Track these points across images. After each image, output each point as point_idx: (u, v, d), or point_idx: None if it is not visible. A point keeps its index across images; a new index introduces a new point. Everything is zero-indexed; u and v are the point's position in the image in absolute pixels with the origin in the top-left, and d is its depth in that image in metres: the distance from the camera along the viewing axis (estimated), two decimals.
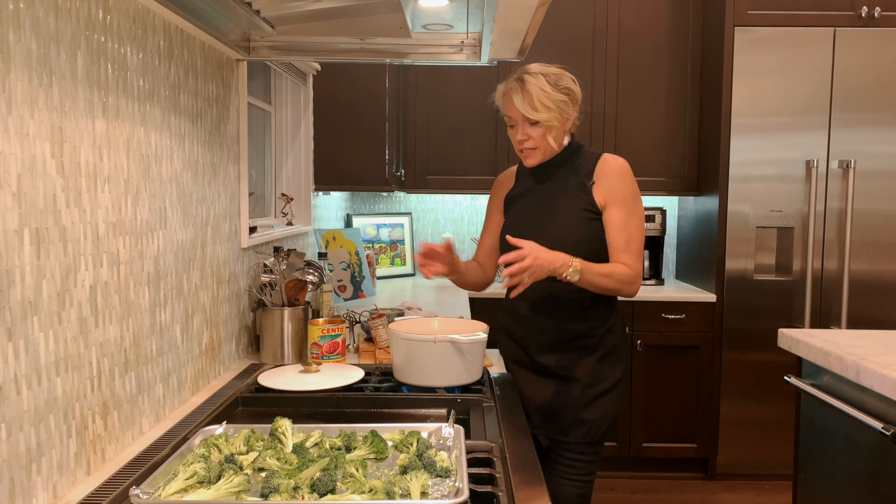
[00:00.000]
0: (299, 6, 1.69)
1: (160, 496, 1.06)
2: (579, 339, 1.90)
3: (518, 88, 1.87)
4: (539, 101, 1.85)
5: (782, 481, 3.36)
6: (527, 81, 1.86)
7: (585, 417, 1.89)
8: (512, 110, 1.91)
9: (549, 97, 1.86)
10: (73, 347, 1.21)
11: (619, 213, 1.87)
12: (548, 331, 1.91)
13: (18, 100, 1.05)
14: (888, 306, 3.36)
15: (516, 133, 1.93)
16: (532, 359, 1.94)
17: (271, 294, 2.09)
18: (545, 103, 1.86)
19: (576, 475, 1.92)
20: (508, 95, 1.91)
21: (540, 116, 1.86)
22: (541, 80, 1.86)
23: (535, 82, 1.85)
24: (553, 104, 1.86)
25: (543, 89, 1.85)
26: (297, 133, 3.05)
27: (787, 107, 3.34)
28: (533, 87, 1.85)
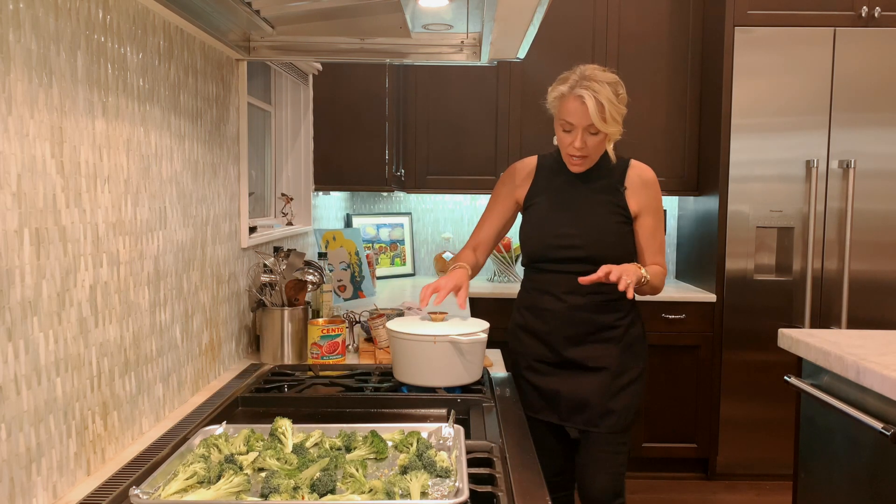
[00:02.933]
0: (299, 6, 1.69)
1: (160, 496, 1.06)
2: (605, 330, 1.94)
3: (591, 97, 1.83)
4: (610, 115, 1.84)
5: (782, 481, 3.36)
6: (598, 91, 1.83)
7: (614, 407, 1.94)
8: (575, 117, 1.86)
9: (617, 110, 1.85)
10: (73, 347, 1.21)
11: (651, 221, 1.99)
12: (574, 324, 1.94)
13: (18, 100, 1.05)
14: (888, 306, 3.35)
15: (573, 139, 1.89)
16: (557, 353, 1.96)
17: (271, 294, 2.09)
18: (614, 116, 1.85)
19: (608, 466, 1.96)
20: (576, 101, 1.85)
21: (609, 129, 1.85)
22: (608, 91, 1.84)
23: (605, 93, 1.83)
24: (619, 117, 1.87)
25: (612, 101, 1.84)
26: (297, 133, 3.05)
27: (787, 107, 3.34)
28: (604, 99, 1.82)
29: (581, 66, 1.93)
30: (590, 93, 1.83)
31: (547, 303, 1.97)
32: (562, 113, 1.90)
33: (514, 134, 3.75)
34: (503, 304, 3.51)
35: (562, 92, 1.89)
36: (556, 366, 1.97)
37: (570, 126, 1.88)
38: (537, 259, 2.00)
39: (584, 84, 1.85)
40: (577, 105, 1.85)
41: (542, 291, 1.98)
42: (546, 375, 1.98)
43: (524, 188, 2.07)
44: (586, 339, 1.94)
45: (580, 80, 1.86)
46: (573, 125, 1.87)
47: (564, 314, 1.94)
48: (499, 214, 2.11)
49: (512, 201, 2.09)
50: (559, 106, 1.91)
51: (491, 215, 2.12)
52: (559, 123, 1.92)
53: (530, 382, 2.01)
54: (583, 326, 1.94)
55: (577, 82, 1.86)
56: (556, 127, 1.94)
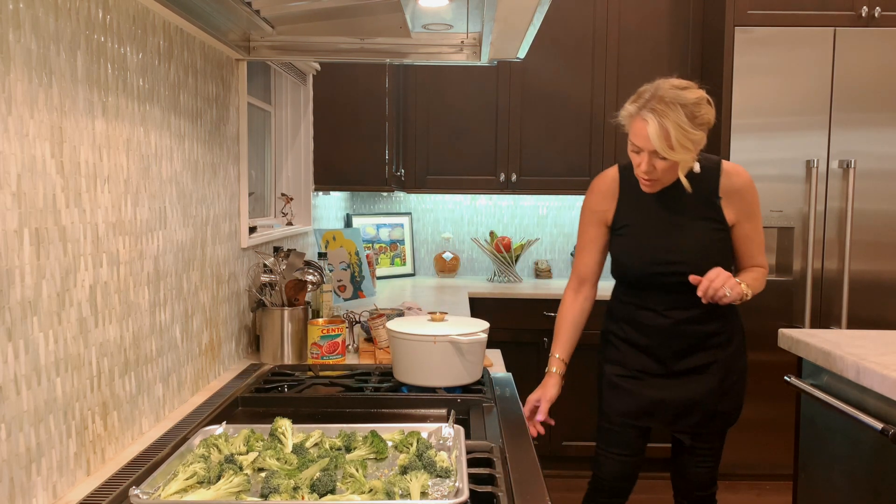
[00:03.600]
0: (299, 6, 1.69)
1: (160, 496, 1.06)
2: (711, 337, 1.92)
3: (654, 122, 1.71)
4: (677, 141, 1.71)
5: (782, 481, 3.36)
6: (665, 115, 1.70)
7: (723, 408, 1.97)
8: (641, 140, 1.77)
9: (688, 136, 1.71)
10: (73, 347, 1.21)
11: (749, 225, 1.92)
12: (679, 337, 1.92)
13: (18, 100, 1.05)
14: (888, 306, 3.35)
15: (640, 162, 1.80)
16: (665, 365, 1.95)
17: (271, 294, 2.09)
18: (683, 144, 1.71)
19: (711, 461, 2.02)
20: (641, 123, 1.75)
21: (676, 157, 1.73)
22: (680, 115, 1.70)
23: (675, 118, 1.70)
24: (691, 144, 1.72)
25: (683, 127, 1.70)
26: (297, 133, 3.05)
27: (787, 107, 3.34)
28: (671, 125, 1.70)
29: (662, 80, 1.79)
30: (654, 116, 1.71)
31: (648, 318, 1.94)
32: (630, 132, 1.81)
33: (514, 134, 3.75)
34: (503, 304, 3.51)
35: (630, 112, 1.80)
36: (662, 376, 1.96)
37: (637, 148, 1.79)
38: (635, 281, 1.96)
39: (651, 105, 1.73)
40: (642, 127, 1.75)
41: (641, 307, 1.95)
42: (651, 385, 1.97)
43: (611, 210, 1.98)
44: (693, 349, 1.93)
45: (650, 99, 1.74)
46: (639, 148, 1.79)
47: (668, 329, 1.92)
48: (593, 241, 2.02)
49: (602, 226, 2.01)
50: (628, 125, 1.82)
51: (587, 245, 2.03)
52: (629, 142, 1.83)
53: (631, 392, 1.99)
54: (689, 339, 1.92)
55: (646, 102, 1.75)
56: (628, 144, 1.85)
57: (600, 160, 3.73)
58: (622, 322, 2.01)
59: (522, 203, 4.13)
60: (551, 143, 3.75)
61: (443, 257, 4.08)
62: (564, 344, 2.03)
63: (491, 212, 4.15)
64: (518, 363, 3.37)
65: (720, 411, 1.97)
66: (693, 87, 1.77)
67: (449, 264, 4.08)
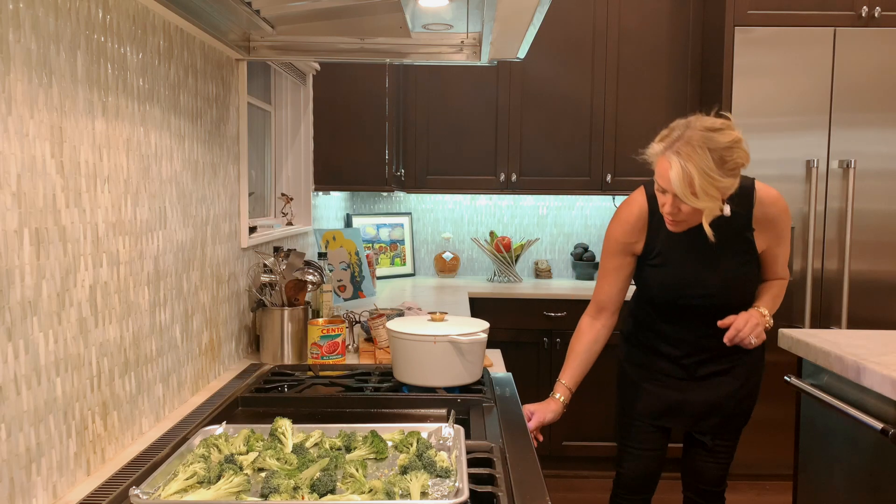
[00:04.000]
0: (299, 6, 1.69)
1: (160, 496, 1.06)
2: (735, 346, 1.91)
3: (678, 165, 1.61)
4: (701, 189, 1.60)
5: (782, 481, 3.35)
6: (690, 160, 1.59)
7: (743, 408, 1.99)
8: (665, 181, 1.67)
9: (714, 183, 1.60)
10: (73, 347, 1.21)
11: (781, 248, 1.90)
12: (706, 350, 1.94)
13: (18, 100, 1.05)
14: (888, 306, 3.35)
15: (665, 202, 1.72)
16: (690, 372, 1.97)
17: (271, 294, 2.09)
18: (708, 191, 1.61)
19: (725, 458, 2.05)
20: (665, 164, 1.66)
21: (699, 205, 1.63)
22: (707, 160, 1.59)
23: (701, 163, 1.59)
24: (717, 192, 1.62)
25: (709, 173, 1.59)
26: (296, 133, 3.05)
27: (788, 107, 3.34)
28: (696, 170, 1.59)
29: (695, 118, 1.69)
30: (679, 159, 1.61)
31: (675, 332, 1.95)
32: (655, 170, 1.73)
33: (514, 134, 3.75)
34: (503, 304, 3.51)
35: (656, 150, 1.70)
36: (689, 380, 1.98)
37: (662, 189, 1.72)
38: (661, 307, 1.95)
39: (677, 147, 1.63)
40: (666, 168, 1.65)
41: (665, 321, 1.96)
42: (673, 387, 1.99)
43: (640, 242, 1.92)
44: (719, 357, 1.95)
45: (677, 140, 1.64)
46: (664, 189, 1.71)
47: (696, 342, 1.94)
48: (617, 270, 1.96)
49: (628, 256, 1.95)
50: (654, 163, 1.74)
51: (609, 273, 1.96)
52: (655, 181, 1.75)
53: (654, 392, 2.01)
54: (715, 350, 1.93)
55: (672, 143, 1.65)
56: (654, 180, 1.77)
57: (600, 160, 3.73)
58: (646, 329, 2.02)
59: (522, 203, 4.13)
60: (551, 143, 3.75)
61: (443, 257, 4.08)
62: (573, 371, 1.98)
63: (491, 212, 4.15)
64: (518, 363, 3.38)
65: (739, 412, 2.00)
66: (727, 127, 1.65)
67: (449, 264, 4.08)
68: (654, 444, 2.06)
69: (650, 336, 2.01)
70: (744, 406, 2.00)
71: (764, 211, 1.83)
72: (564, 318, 3.45)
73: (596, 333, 1.99)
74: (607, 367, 2.19)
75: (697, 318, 1.92)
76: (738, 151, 1.63)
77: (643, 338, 2.03)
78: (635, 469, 2.07)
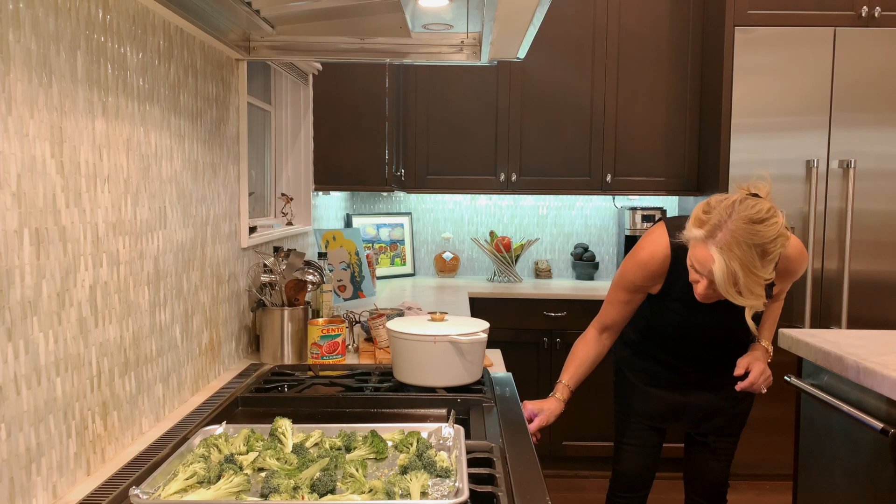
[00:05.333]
0: (299, 6, 1.69)
1: (160, 496, 1.06)
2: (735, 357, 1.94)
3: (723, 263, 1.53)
4: (746, 287, 1.54)
5: (782, 481, 3.36)
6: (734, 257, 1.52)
7: (741, 408, 2.01)
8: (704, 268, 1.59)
9: (759, 280, 1.53)
10: (73, 347, 1.21)
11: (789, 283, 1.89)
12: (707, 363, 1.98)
13: (18, 100, 1.05)
14: (888, 306, 3.35)
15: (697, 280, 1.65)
16: (690, 378, 2.00)
17: (271, 294, 2.09)
18: (753, 290, 1.54)
19: (727, 457, 2.07)
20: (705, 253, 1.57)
21: (745, 303, 1.57)
22: (751, 256, 1.51)
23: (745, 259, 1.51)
24: (761, 289, 1.55)
25: (753, 270, 1.52)
26: (297, 133, 3.05)
27: (787, 107, 3.34)
28: (740, 268, 1.52)
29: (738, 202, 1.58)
30: (723, 257, 1.53)
31: (678, 347, 1.98)
32: (692, 253, 1.63)
33: (514, 134, 3.75)
34: (503, 304, 3.51)
35: (696, 236, 1.60)
36: (689, 385, 2.01)
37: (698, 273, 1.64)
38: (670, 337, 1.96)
39: (720, 240, 1.54)
40: (707, 258, 1.57)
41: (671, 338, 1.97)
42: (673, 390, 2.02)
43: (657, 285, 1.88)
44: (717, 365, 1.98)
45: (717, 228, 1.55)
46: (701, 274, 1.63)
47: (698, 358, 1.98)
48: (626, 303, 1.93)
49: (641, 294, 1.92)
50: (691, 245, 1.65)
51: (617, 303, 1.93)
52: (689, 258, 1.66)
53: (654, 396, 2.03)
54: (715, 363, 1.97)
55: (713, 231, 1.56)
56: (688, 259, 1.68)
57: (600, 160, 3.73)
58: (650, 341, 2.03)
59: (522, 203, 4.13)
60: (551, 143, 3.75)
61: (443, 257, 4.08)
62: (574, 374, 1.97)
63: (491, 212, 4.15)
64: (518, 363, 3.38)
65: (739, 412, 2.02)
66: (773, 217, 1.56)
67: (449, 264, 4.08)
68: (649, 440, 2.08)
69: (652, 346, 2.03)
70: (743, 406, 2.02)
71: (787, 265, 1.78)
72: (564, 319, 3.45)
73: (601, 348, 1.99)
74: (608, 367, 2.19)
75: (703, 345, 1.96)
76: (782, 240, 1.56)
77: (644, 347, 2.05)
78: (632, 466, 2.09)
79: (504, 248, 3.87)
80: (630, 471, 2.10)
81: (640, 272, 1.86)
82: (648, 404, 2.04)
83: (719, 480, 2.08)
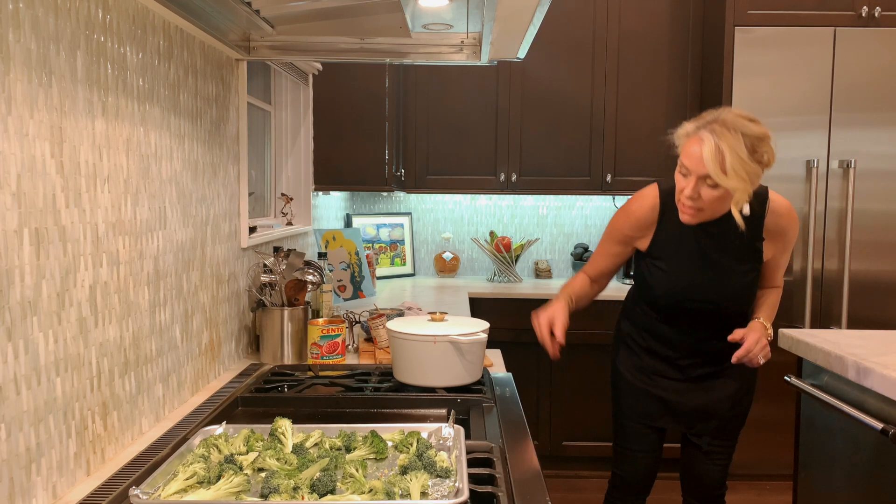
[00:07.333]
0: (299, 6, 1.69)
1: (160, 496, 1.06)
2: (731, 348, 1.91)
3: (711, 141, 1.63)
4: (731, 167, 1.62)
5: (782, 481, 3.36)
6: (723, 138, 1.62)
7: (738, 412, 2.00)
8: (691, 161, 1.68)
9: (744, 166, 1.62)
10: (73, 347, 1.21)
11: (785, 256, 1.92)
12: (703, 353, 1.95)
13: (18, 100, 1.05)
14: (888, 306, 3.35)
15: (686, 186, 1.71)
16: (684, 373, 1.97)
17: (271, 294, 2.09)
18: (738, 171, 1.62)
19: (724, 461, 2.05)
20: (695, 143, 1.67)
21: (728, 183, 1.63)
22: (739, 143, 1.62)
23: (733, 144, 1.61)
24: (746, 175, 1.62)
25: (740, 155, 1.62)
26: (297, 133, 3.05)
27: (787, 107, 3.34)
28: (728, 148, 1.61)
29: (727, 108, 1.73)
30: (712, 136, 1.63)
31: (672, 334, 1.95)
32: (682, 153, 1.73)
33: (514, 134, 3.75)
34: (503, 304, 3.51)
35: (687, 130, 1.72)
36: (683, 381, 1.98)
37: (686, 171, 1.71)
38: (662, 309, 1.95)
39: (710, 126, 1.65)
40: (695, 147, 1.66)
41: (664, 322, 1.95)
42: (668, 388, 1.99)
43: (645, 239, 1.92)
44: (713, 359, 1.96)
45: (711, 121, 1.67)
46: (689, 170, 1.70)
47: (693, 345, 1.94)
48: (613, 256, 1.98)
49: (628, 247, 1.97)
50: (682, 144, 1.74)
51: (604, 255, 2.00)
52: (679, 163, 1.75)
53: (650, 393, 2.01)
54: (711, 353, 1.95)
55: (706, 123, 1.67)
56: (678, 166, 1.76)
57: (600, 160, 3.73)
58: (642, 330, 2.02)
59: (522, 203, 4.13)
60: (551, 144, 3.75)
61: (443, 257, 4.08)
62: (572, 294, 1.98)
63: (491, 212, 4.15)
64: (518, 363, 3.37)
65: (735, 414, 2.01)
66: (759, 122, 1.68)
67: (449, 264, 4.08)
68: (649, 445, 2.06)
69: (646, 337, 2.01)
70: (740, 409, 2.01)
71: (776, 221, 1.84)
72: None
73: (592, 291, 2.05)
74: (607, 367, 2.19)
75: (697, 322, 1.92)
76: (767, 147, 1.65)
77: (639, 339, 2.03)
78: (631, 471, 2.08)
79: (504, 248, 3.87)
80: (630, 475, 2.08)
81: (628, 221, 1.93)
82: (643, 403, 2.02)
83: (716, 484, 2.07)
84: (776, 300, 1.98)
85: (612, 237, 1.98)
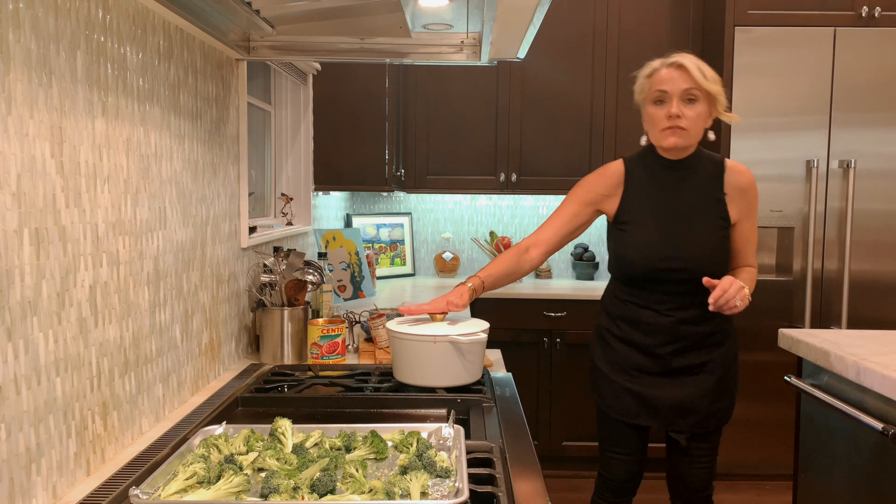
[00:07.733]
0: (299, 6, 1.69)
1: (160, 496, 1.06)
2: (708, 337, 1.94)
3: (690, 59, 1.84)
4: (711, 76, 1.84)
5: (782, 481, 3.36)
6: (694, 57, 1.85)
7: (719, 407, 1.99)
8: (670, 83, 1.83)
9: (714, 76, 1.85)
10: (73, 347, 1.21)
11: (750, 225, 1.97)
12: (681, 338, 1.93)
13: (18, 100, 1.05)
14: (888, 306, 3.35)
15: (668, 108, 1.84)
16: (663, 364, 1.95)
17: (271, 294, 2.09)
18: (715, 79, 1.85)
19: (707, 462, 2.04)
20: (670, 69, 1.84)
21: (711, 87, 1.83)
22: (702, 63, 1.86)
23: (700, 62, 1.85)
24: (719, 86, 1.85)
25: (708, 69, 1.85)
26: (297, 133, 3.05)
27: (787, 107, 3.34)
28: (702, 63, 1.85)
29: None
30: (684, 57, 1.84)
31: (649, 317, 1.93)
32: (654, 84, 1.87)
33: (514, 134, 3.75)
34: (503, 304, 3.51)
35: (653, 67, 1.89)
36: (657, 374, 1.96)
37: (664, 95, 1.85)
38: (638, 279, 1.95)
39: (678, 54, 1.86)
40: (671, 72, 1.84)
41: (642, 306, 1.94)
42: (646, 383, 1.97)
43: (613, 201, 1.97)
44: (693, 347, 1.94)
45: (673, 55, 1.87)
46: (667, 92, 1.84)
47: (670, 328, 1.92)
48: (571, 218, 2.00)
49: (591, 209, 2.00)
50: (651, 80, 1.88)
51: (561, 217, 2.02)
52: (650, 98, 1.88)
53: (629, 389, 1.98)
54: (690, 339, 1.93)
55: (670, 56, 1.87)
56: (647, 107, 1.90)
57: (600, 160, 3.73)
58: (620, 320, 2.00)
59: (522, 203, 4.13)
60: (551, 143, 3.75)
61: (443, 257, 4.08)
62: (492, 276, 1.99)
63: (491, 212, 4.15)
64: (518, 363, 3.38)
65: (715, 411, 1.98)
66: None
67: (449, 264, 4.08)
68: (633, 447, 2.05)
69: (623, 327, 1.98)
70: (719, 406, 1.98)
71: (735, 178, 1.94)
72: (564, 319, 3.45)
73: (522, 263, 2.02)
74: None
75: (673, 294, 1.91)
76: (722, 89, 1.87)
77: (616, 331, 2.00)
78: (618, 473, 2.07)
79: (504, 248, 3.87)
80: (616, 477, 2.07)
81: (596, 178, 2.01)
82: (622, 400, 1.99)
83: (701, 486, 2.06)
84: (752, 276, 1.99)
85: (573, 197, 2.02)
